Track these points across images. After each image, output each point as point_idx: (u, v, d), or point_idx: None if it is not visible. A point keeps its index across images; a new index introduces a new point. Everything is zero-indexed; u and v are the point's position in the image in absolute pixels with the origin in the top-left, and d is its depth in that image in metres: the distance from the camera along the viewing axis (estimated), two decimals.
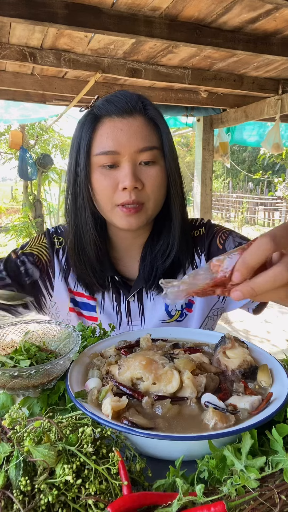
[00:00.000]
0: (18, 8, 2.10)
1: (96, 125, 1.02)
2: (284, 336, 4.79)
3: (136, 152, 1.00)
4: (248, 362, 0.84)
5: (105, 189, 1.02)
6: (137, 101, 1.03)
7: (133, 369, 0.77)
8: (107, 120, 1.01)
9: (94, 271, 1.12)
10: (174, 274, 1.17)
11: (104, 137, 1.00)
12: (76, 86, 3.73)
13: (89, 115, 1.05)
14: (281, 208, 16.12)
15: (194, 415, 0.70)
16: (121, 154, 1.00)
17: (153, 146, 1.02)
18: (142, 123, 1.01)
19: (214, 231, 1.21)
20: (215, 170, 18.36)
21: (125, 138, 0.99)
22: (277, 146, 4.19)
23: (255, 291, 0.56)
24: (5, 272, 1.13)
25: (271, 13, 2.34)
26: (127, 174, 0.99)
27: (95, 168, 1.03)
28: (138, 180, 1.01)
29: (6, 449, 0.58)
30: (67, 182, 1.11)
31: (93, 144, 1.02)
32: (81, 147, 1.04)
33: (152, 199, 1.04)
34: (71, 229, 1.11)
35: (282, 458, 0.59)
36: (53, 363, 0.78)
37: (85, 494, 0.53)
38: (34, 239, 1.23)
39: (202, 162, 4.86)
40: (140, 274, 1.16)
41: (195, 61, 3.29)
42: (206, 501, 0.53)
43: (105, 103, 1.03)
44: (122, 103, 1.01)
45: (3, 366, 0.82)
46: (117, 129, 1.00)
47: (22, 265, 1.15)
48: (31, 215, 8.38)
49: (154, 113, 1.04)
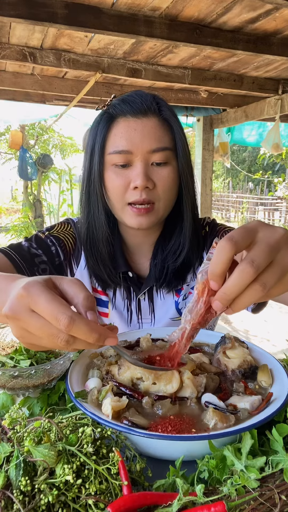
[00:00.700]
0: (18, 8, 2.09)
1: (111, 125, 1.04)
2: (284, 336, 4.79)
3: (149, 153, 1.01)
4: (248, 362, 0.84)
5: (117, 188, 1.04)
6: (152, 101, 1.04)
7: (133, 369, 0.77)
8: (121, 119, 1.03)
9: (106, 267, 1.14)
10: (184, 273, 1.19)
11: (118, 136, 1.02)
12: (76, 86, 3.73)
13: (105, 114, 1.06)
14: (281, 208, 16.12)
15: (194, 415, 0.70)
16: (134, 153, 1.01)
17: (166, 147, 1.03)
18: (156, 124, 1.03)
19: (217, 230, 1.23)
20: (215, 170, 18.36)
21: (139, 138, 1.00)
22: (277, 146, 4.19)
23: (228, 295, 0.57)
24: (41, 251, 1.13)
25: (271, 13, 2.34)
26: (139, 174, 1.00)
27: (108, 166, 1.05)
28: (150, 180, 1.02)
29: (6, 449, 0.58)
30: (82, 179, 1.13)
31: (107, 143, 1.04)
32: (96, 145, 1.05)
33: (163, 199, 1.06)
34: (84, 224, 1.13)
35: (282, 458, 0.59)
36: (53, 363, 0.78)
37: (85, 494, 0.53)
38: (59, 225, 1.24)
39: (202, 162, 4.86)
40: (151, 272, 1.18)
41: (195, 61, 3.29)
42: (206, 501, 0.53)
43: (120, 103, 1.04)
44: (137, 103, 1.02)
45: (3, 366, 0.82)
46: (131, 129, 1.01)
47: (52, 245, 1.16)
48: (31, 215, 8.37)
49: (168, 114, 1.05)
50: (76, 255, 1.21)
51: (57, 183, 9.01)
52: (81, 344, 0.59)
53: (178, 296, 1.22)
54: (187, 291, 1.23)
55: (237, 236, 0.57)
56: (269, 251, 0.56)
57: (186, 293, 1.23)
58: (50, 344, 0.60)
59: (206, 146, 4.86)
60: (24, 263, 1.07)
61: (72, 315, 0.55)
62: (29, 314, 0.57)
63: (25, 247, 1.12)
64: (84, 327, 0.56)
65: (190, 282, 1.23)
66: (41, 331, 0.57)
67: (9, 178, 10.91)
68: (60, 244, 1.18)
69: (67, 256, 1.19)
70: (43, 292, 0.57)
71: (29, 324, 0.58)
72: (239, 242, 0.56)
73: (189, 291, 1.23)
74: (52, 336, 0.57)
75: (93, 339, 0.57)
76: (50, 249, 1.15)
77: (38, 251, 1.12)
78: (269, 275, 0.56)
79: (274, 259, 0.57)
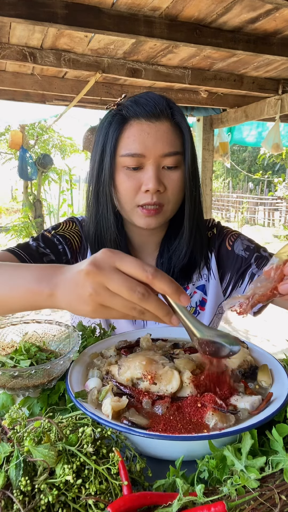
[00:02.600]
0: (18, 8, 2.09)
1: (124, 126, 1.04)
2: (284, 336, 4.79)
3: (161, 156, 1.02)
4: (248, 362, 0.84)
5: (128, 189, 1.05)
6: (165, 105, 1.04)
7: (133, 369, 0.77)
8: (135, 122, 1.03)
9: None
10: (189, 273, 1.21)
11: (131, 139, 1.02)
12: (76, 86, 3.72)
13: (117, 115, 1.06)
14: (281, 208, 16.12)
15: (194, 415, 0.70)
16: (146, 157, 1.02)
17: (177, 151, 1.04)
18: (168, 128, 1.03)
19: (224, 233, 1.26)
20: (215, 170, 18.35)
21: (151, 142, 1.01)
22: (277, 146, 4.19)
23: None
24: (49, 250, 1.14)
25: (271, 13, 2.33)
26: (151, 177, 1.01)
27: (119, 168, 1.05)
28: (161, 183, 1.04)
29: (6, 449, 0.58)
30: (89, 178, 1.13)
31: (120, 145, 1.04)
32: (107, 146, 1.05)
33: (172, 202, 1.07)
34: (92, 224, 1.14)
35: (282, 458, 0.59)
36: (53, 363, 0.78)
37: (85, 494, 0.53)
38: (65, 224, 1.25)
39: (202, 162, 4.86)
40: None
41: (195, 61, 3.29)
42: (206, 501, 0.53)
43: (133, 105, 1.04)
44: (151, 106, 1.02)
45: (3, 366, 0.82)
46: (144, 133, 1.02)
47: (59, 244, 1.17)
48: (31, 215, 8.37)
49: (180, 119, 1.06)
50: (82, 253, 1.22)
51: (57, 183, 9.01)
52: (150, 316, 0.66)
53: None
54: (192, 290, 1.24)
55: None
56: None
57: (191, 293, 1.23)
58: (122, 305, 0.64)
59: (206, 146, 4.86)
60: (33, 262, 1.08)
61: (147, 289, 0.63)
62: (114, 270, 0.63)
63: (33, 247, 1.12)
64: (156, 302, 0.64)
65: (196, 282, 1.24)
66: (122, 287, 0.62)
67: (9, 178, 10.90)
68: (67, 243, 1.18)
69: (73, 254, 1.20)
70: (128, 256, 0.65)
71: (111, 279, 0.62)
72: None
73: (194, 290, 1.24)
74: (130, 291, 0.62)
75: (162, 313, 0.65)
76: (57, 248, 1.16)
77: (46, 250, 1.13)
78: None
79: None
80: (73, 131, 8.26)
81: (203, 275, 1.24)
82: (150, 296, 0.64)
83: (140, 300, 0.63)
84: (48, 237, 1.17)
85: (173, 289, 0.65)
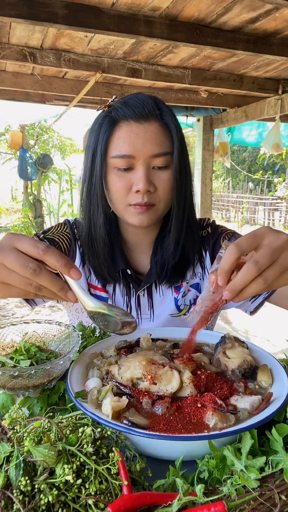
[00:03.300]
0: (18, 8, 2.09)
1: (114, 128, 1.05)
2: (284, 336, 4.79)
3: (151, 157, 1.03)
4: (248, 362, 0.84)
5: (119, 190, 1.06)
6: (154, 106, 1.05)
7: (133, 369, 0.77)
8: (124, 124, 1.04)
9: (106, 265, 1.16)
10: (183, 270, 1.22)
11: (121, 141, 1.04)
12: (76, 86, 3.72)
13: (107, 117, 1.07)
14: (281, 208, 16.12)
15: (194, 415, 0.70)
16: (136, 158, 1.03)
17: (167, 151, 1.05)
18: (158, 129, 1.04)
19: (219, 232, 1.27)
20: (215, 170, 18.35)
21: (141, 143, 1.02)
22: (277, 146, 4.19)
23: (236, 286, 0.70)
24: None
25: (271, 13, 2.33)
26: (141, 178, 1.03)
27: (110, 169, 1.07)
28: (151, 183, 1.05)
29: (6, 449, 0.58)
30: (82, 179, 1.15)
31: (110, 147, 1.06)
32: (98, 148, 1.07)
33: (163, 201, 1.09)
34: (86, 224, 1.16)
35: (282, 458, 0.59)
36: (53, 363, 0.78)
37: (85, 494, 0.53)
38: (55, 227, 1.26)
39: (202, 162, 4.86)
40: (152, 268, 1.20)
41: (195, 61, 3.29)
42: (206, 501, 0.53)
43: (122, 107, 1.06)
44: (139, 108, 1.04)
45: (3, 366, 0.82)
46: (133, 134, 1.03)
47: None
48: (31, 215, 8.38)
49: (169, 119, 1.07)
50: (71, 256, 1.23)
51: (57, 183, 9.01)
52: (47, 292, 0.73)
53: (178, 293, 1.24)
54: (186, 288, 1.24)
55: (243, 243, 0.70)
56: (272, 253, 0.69)
57: (185, 291, 1.24)
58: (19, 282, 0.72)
59: (206, 146, 4.86)
60: None
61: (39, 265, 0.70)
62: (11, 249, 0.71)
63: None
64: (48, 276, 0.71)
65: (190, 280, 1.25)
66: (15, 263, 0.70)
67: (9, 178, 10.90)
68: (55, 246, 1.19)
69: None
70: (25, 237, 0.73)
71: (7, 257, 0.70)
72: (244, 247, 0.70)
73: (188, 288, 1.25)
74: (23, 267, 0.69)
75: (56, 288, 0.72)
76: None
77: None
78: (270, 272, 0.70)
79: (276, 260, 0.70)
80: (73, 131, 8.27)
81: (197, 273, 1.25)
82: (42, 271, 0.70)
83: (32, 275, 0.70)
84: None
85: (63, 263, 0.71)
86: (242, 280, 0.69)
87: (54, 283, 0.72)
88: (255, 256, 0.69)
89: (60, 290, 0.73)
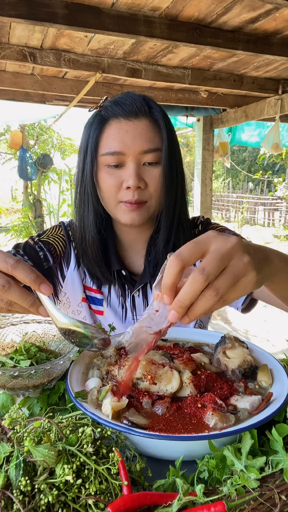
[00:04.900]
0: (18, 8, 2.09)
1: (104, 126, 1.06)
2: (284, 336, 4.79)
3: (141, 153, 1.04)
4: (248, 362, 0.84)
5: (110, 187, 1.07)
6: (142, 103, 1.06)
7: None
8: (113, 122, 1.05)
9: (99, 266, 1.16)
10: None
11: (111, 138, 1.04)
12: (76, 86, 3.72)
13: (97, 116, 1.08)
14: (281, 208, 16.12)
15: (194, 415, 0.70)
16: (126, 154, 1.04)
17: (157, 147, 1.05)
18: (147, 125, 1.05)
19: (209, 228, 1.25)
20: (215, 170, 18.35)
21: (130, 139, 1.03)
22: (277, 146, 4.19)
23: (182, 302, 0.60)
24: (27, 257, 1.15)
25: (271, 13, 2.33)
26: (131, 174, 1.03)
27: (101, 167, 1.07)
28: (142, 180, 1.05)
29: (6, 449, 0.58)
30: (76, 179, 1.15)
31: (100, 145, 1.07)
32: (89, 147, 1.08)
33: (154, 198, 1.09)
34: (79, 224, 1.16)
35: (282, 458, 0.59)
36: (53, 363, 0.78)
37: (85, 494, 0.53)
38: (50, 229, 1.27)
39: (202, 162, 4.85)
40: (146, 268, 1.20)
41: (195, 61, 3.29)
42: (206, 501, 0.53)
43: (112, 105, 1.07)
44: (128, 105, 1.05)
45: (3, 366, 0.82)
46: (123, 131, 1.04)
47: (40, 251, 1.18)
48: (31, 215, 8.37)
49: (159, 116, 1.07)
50: (67, 258, 1.23)
51: (57, 183, 9.00)
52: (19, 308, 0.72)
53: None
54: None
55: (185, 251, 0.61)
56: (220, 260, 0.59)
57: None
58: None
59: (206, 146, 4.85)
60: None
61: (9, 281, 0.69)
62: None
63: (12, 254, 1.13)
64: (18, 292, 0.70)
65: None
66: None
67: (9, 178, 10.90)
68: (50, 249, 1.19)
69: (57, 259, 1.21)
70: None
71: None
72: (186, 256, 0.60)
73: None
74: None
75: (27, 303, 0.71)
76: (38, 255, 1.17)
77: (23, 258, 1.14)
78: (221, 281, 0.59)
79: (226, 267, 0.60)
80: (73, 131, 8.27)
81: None
82: (11, 287, 0.70)
83: (1, 291, 0.69)
84: (30, 245, 1.18)
85: (32, 278, 0.69)
86: (189, 292, 0.59)
87: (25, 298, 0.71)
88: (201, 264, 0.59)
89: (31, 306, 0.71)
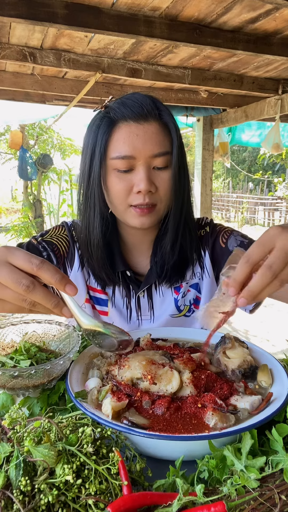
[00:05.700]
0: (18, 8, 2.09)
1: (112, 129, 1.04)
2: (284, 336, 4.79)
3: (151, 157, 1.03)
4: (248, 362, 0.84)
5: (119, 191, 1.05)
6: (152, 106, 1.04)
7: (133, 369, 0.77)
8: (123, 124, 1.03)
9: (104, 267, 1.16)
10: (182, 270, 1.22)
11: (121, 141, 1.03)
12: (76, 86, 3.72)
13: (105, 118, 1.06)
14: (281, 208, 16.12)
15: (194, 415, 0.70)
16: (136, 158, 1.02)
17: (167, 151, 1.05)
18: (157, 129, 1.04)
19: (217, 231, 1.26)
20: (215, 170, 18.35)
21: (141, 143, 1.02)
22: (277, 146, 4.19)
23: (253, 292, 0.70)
24: None
25: (271, 13, 2.33)
26: (142, 179, 1.02)
27: (110, 170, 1.06)
28: (152, 184, 1.04)
29: (6, 449, 0.58)
30: (80, 181, 1.14)
31: (109, 148, 1.05)
32: (96, 150, 1.06)
33: (164, 201, 1.08)
34: (83, 225, 1.15)
35: (282, 458, 0.59)
36: (53, 363, 0.78)
37: (85, 494, 0.53)
38: (53, 229, 1.25)
39: (202, 162, 4.85)
40: (152, 269, 1.20)
41: (195, 61, 3.29)
42: (206, 501, 0.53)
43: (120, 107, 1.05)
44: (138, 108, 1.03)
45: (3, 366, 0.82)
46: (133, 135, 1.02)
47: (44, 251, 1.18)
48: (31, 215, 8.37)
49: (168, 119, 1.06)
50: (70, 258, 1.22)
51: (56, 183, 9.00)
52: (42, 308, 0.72)
53: (177, 293, 1.24)
54: (186, 288, 1.24)
55: (253, 254, 0.70)
56: (286, 256, 0.68)
57: (185, 291, 1.24)
58: (13, 297, 0.70)
59: (206, 146, 4.85)
60: None
61: (33, 281, 0.69)
62: (4, 264, 0.69)
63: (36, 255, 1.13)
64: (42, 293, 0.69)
65: (189, 280, 1.24)
66: (8, 279, 0.68)
67: (9, 178, 10.90)
68: (53, 249, 1.19)
69: (60, 259, 1.20)
70: (20, 250, 0.71)
71: (0, 273, 0.69)
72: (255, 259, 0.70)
73: (187, 289, 1.24)
74: (16, 283, 0.68)
75: (51, 304, 0.70)
76: (41, 255, 1.16)
77: None
78: (285, 273, 0.69)
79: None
80: (73, 131, 8.25)
81: (196, 273, 1.25)
82: (36, 288, 0.69)
83: (25, 292, 0.68)
84: (33, 245, 1.18)
85: (57, 279, 0.69)
86: (259, 286, 0.69)
87: (49, 299, 0.70)
88: (269, 260, 0.69)
89: (55, 306, 0.71)
